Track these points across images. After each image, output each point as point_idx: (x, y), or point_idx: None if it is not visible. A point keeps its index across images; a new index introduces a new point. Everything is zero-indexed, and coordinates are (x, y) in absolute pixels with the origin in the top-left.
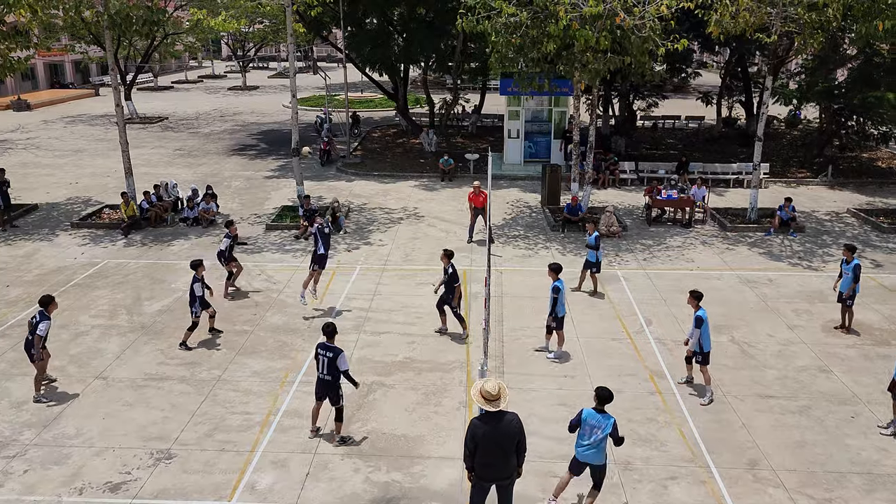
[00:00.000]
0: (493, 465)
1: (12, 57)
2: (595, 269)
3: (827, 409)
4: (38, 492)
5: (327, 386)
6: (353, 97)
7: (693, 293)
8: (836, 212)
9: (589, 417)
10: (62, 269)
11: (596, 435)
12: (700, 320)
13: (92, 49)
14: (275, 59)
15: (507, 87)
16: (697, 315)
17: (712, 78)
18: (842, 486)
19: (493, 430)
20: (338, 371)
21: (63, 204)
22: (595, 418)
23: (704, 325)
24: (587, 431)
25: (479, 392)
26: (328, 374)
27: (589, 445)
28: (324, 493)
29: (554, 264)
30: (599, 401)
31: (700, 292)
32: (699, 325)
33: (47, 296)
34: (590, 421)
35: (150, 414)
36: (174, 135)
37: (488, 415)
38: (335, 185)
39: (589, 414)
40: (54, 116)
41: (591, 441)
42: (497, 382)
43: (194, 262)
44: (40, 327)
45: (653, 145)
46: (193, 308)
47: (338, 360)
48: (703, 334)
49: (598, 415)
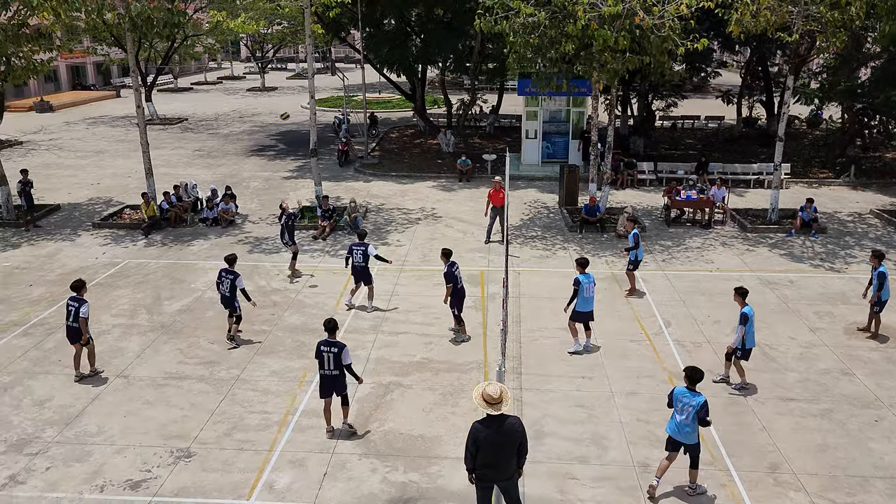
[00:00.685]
0: (495, 467)
1: (35, 59)
2: (632, 267)
3: (849, 412)
4: (60, 489)
5: (334, 381)
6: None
7: (738, 290)
8: (859, 213)
9: (680, 395)
10: (84, 269)
11: (688, 412)
12: (745, 317)
13: (113, 51)
14: (293, 60)
15: (525, 87)
16: (743, 312)
17: (732, 77)
18: (864, 491)
19: (494, 433)
20: (342, 365)
21: (85, 204)
22: (686, 395)
23: (750, 322)
24: (679, 408)
25: (480, 395)
26: (335, 370)
27: (683, 422)
28: (341, 492)
29: (581, 259)
30: (690, 381)
31: (745, 289)
32: (744, 322)
33: (79, 280)
34: (681, 398)
35: (170, 412)
36: (194, 136)
37: (490, 418)
38: (353, 185)
39: (680, 391)
40: (76, 118)
41: (685, 417)
42: (499, 386)
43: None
44: (82, 311)
45: (672, 145)
46: (235, 303)
47: (342, 354)
48: (747, 332)
49: (689, 392)
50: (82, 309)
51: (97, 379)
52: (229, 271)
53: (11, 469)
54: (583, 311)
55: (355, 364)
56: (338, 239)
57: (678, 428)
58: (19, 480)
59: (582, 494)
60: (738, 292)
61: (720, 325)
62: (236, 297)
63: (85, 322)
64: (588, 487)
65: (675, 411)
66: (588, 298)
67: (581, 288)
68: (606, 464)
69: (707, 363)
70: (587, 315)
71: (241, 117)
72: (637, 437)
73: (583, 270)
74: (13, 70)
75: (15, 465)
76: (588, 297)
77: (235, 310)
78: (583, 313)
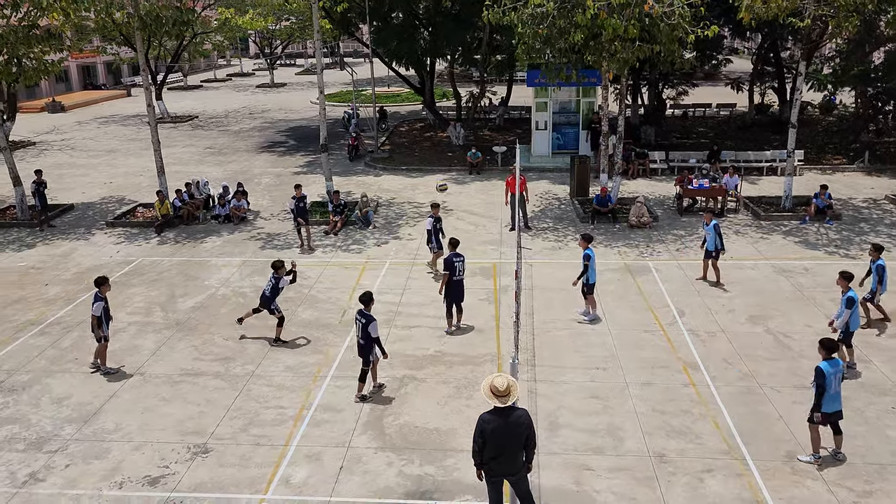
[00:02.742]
0: (502, 460)
1: (46, 60)
2: (714, 256)
3: (867, 399)
4: (80, 486)
5: (361, 348)
6: (379, 92)
7: (843, 274)
8: (874, 199)
9: (829, 368)
10: (99, 268)
11: (840, 379)
12: (852, 301)
13: (123, 50)
14: (302, 55)
15: (535, 78)
16: (849, 296)
17: (744, 64)
18: (882, 479)
19: (501, 425)
20: (369, 337)
21: (98, 203)
22: (835, 366)
23: (855, 306)
24: (832, 382)
25: (488, 387)
26: (362, 339)
27: (836, 393)
28: (357, 486)
29: (586, 234)
30: (829, 351)
31: (850, 273)
32: (850, 306)
33: (101, 277)
34: (831, 370)
35: (186, 409)
36: (204, 133)
37: (497, 410)
38: (363, 180)
39: (826, 366)
40: (88, 117)
41: (838, 388)
42: (507, 378)
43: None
44: (94, 307)
45: (683, 134)
46: (273, 305)
47: (369, 327)
48: (852, 315)
49: (833, 362)
50: (94, 306)
51: (114, 376)
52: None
53: (31, 467)
54: (593, 283)
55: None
56: (349, 234)
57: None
58: (39, 478)
59: (598, 485)
60: (843, 276)
61: (734, 315)
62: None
63: (95, 319)
64: (604, 478)
65: (829, 385)
66: (594, 270)
67: (592, 261)
68: (622, 454)
69: (722, 353)
70: (593, 287)
71: (251, 114)
72: (653, 428)
73: (587, 245)
74: (25, 71)
75: (35, 462)
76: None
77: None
78: (592, 285)
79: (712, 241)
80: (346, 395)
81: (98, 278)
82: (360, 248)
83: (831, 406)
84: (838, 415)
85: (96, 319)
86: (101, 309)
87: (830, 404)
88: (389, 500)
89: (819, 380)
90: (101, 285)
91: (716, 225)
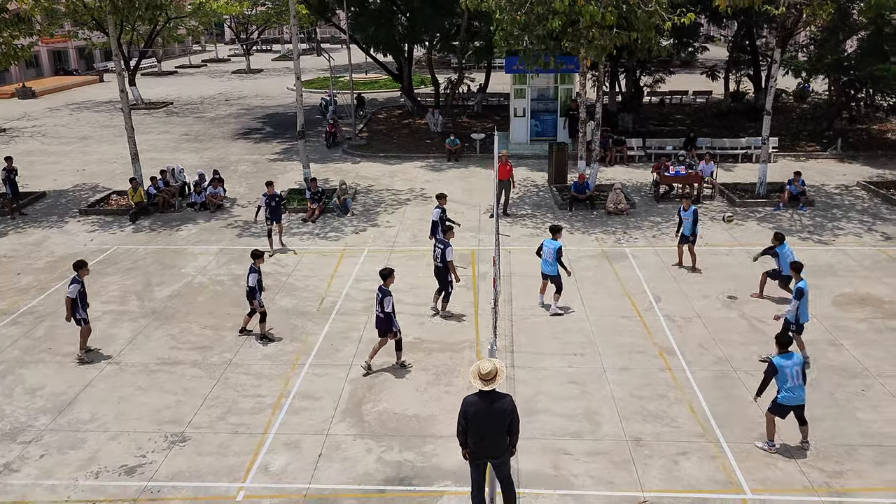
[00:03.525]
0: (485, 443)
1: (16, 45)
2: (691, 241)
3: (837, 382)
4: (55, 476)
5: (380, 321)
6: (357, 79)
7: (794, 265)
8: (846, 185)
9: (783, 361)
10: (72, 256)
11: (798, 372)
12: (801, 292)
13: (95, 35)
14: (278, 41)
15: (513, 65)
16: (798, 286)
17: (720, 52)
18: (853, 459)
19: (484, 408)
20: (384, 310)
21: (70, 191)
22: (790, 360)
23: (805, 296)
24: (789, 375)
25: (475, 371)
26: (380, 312)
27: (797, 386)
28: (337, 472)
29: (553, 225)
30: (782, 346)
31: (801, 263)
32: (799, 297)
33: (80, 260)
34: (786, 364)
35: (163, 398)
36: (179, 120)
37: (481, 393)
38: (341, 167)
39: (779, 360)
40: (59, 104)
41: (798, 381)
42: (493, 363)
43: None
44: (68, 289)
45: (660, 121)
46: (256, 298)
47: (384, 300)
48: (801, 306)
49: (788, 357)
50: (69, 288)
51: (89, 367)
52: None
53: (5, 457)
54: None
55: (348, 345)
56: (327, 221)
57: (790, 394)
58: (13, 469)
59: (575, 469)
60: (794, 267)
61: (710, 300)
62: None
63: (69, 301)
64: (581, 462)
65: (784, 380)
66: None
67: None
68: (599, 439)
69: (698, 338)
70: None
71: (226, 100)
72: (629, 413)
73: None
74: None
75: (9, 453)
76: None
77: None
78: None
79: (689, 227)
80: (324, 383)
81: (77, 262)
82: (338, 236)
83: (792, 399)
84: (801, 408)
85: (70, 301)
86: (76, 291)
87: (790, 397)
88: (369, 487)
89: (769, 372)
90: (80, 269)
91: (695, 210)
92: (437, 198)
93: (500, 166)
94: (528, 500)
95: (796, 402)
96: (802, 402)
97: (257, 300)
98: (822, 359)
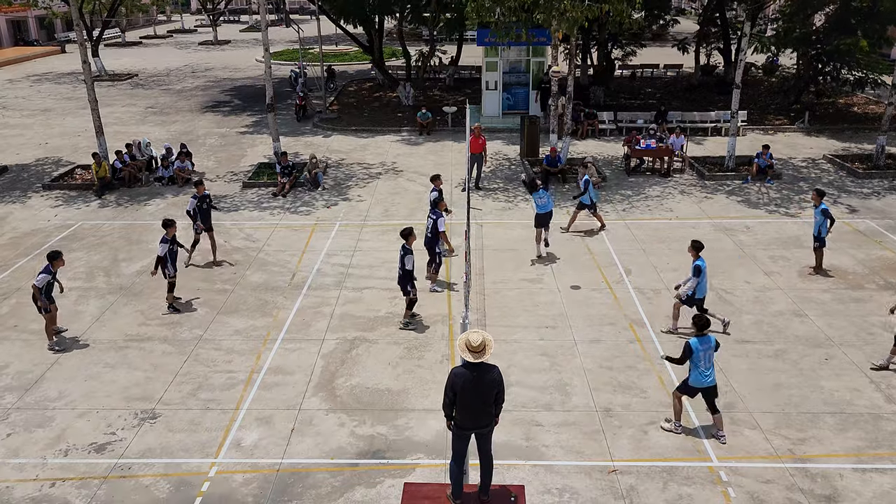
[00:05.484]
0: (472, 413)
1: None
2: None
3: (802, 352)
4: (23, 454)
5: (399, 279)
6: (327, 51)
7: (694, 243)
8: (813, 158)
9: (699, 344)
10: (36, 232)
11: (710, 356)
12: (699, 269)
13: (56, 3)
14: (246, 11)
15: (485, 37)
16: (696, 264)
17: (691, 25)
18: (815, 426)
19: (472, 379)
20: (405, 268)
21: (33, 165)
22: (705, 343)
23: (703, 274)
24: (702, 357)
25: (463, 342)
26: (402, 269)
27: (710, 367)
28: (309, 447)
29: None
30: (699, 328)
31: (701, 243)
32: (697, 274)
33: (55, 251)
34: (701, 347)
35: (132, 375)
36: (145, 92)
37: (469, 364)
38: (312, 140)
39: (695, 342)
40: (19, 75)
41: (711, 363)
42: (482, 335)
43: (166, 221)
44: (37, 278)
45: (631, 95)
46: (167, 269)
47: (404, 258)
48: (700, 283)
49: (703, 339)
50: (38, 277)
51: (56, 343)
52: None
53: None
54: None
55: (321, 320)
56: (298, 196)
57: (703, 376)
58: None
59: (547, 440)
60: (693, 245)
61: (679, 273)
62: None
63: (36, 290)
64: (552, 433)
65: (697, 362)
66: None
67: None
68: (570, 410)
69: (666, 310)
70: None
71: (193, 72)
72: (600, 384)
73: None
74: None
75: None
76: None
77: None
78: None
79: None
80: (296, 358)
81: (51, 252)
82: (309, 210)
83: (701, 382)
84: (712, 392)
85: (37, 290)
86: (44, 282)
87: (700, 380)
88: (342, 461)
89: (685, 353)
90: (54, 260)
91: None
92: (432, 179)
93: (472, 140)
94: (501, 470)
95: (706, 384)
96: (713, 385)
97: (168, 269)
98: (788, 329)
